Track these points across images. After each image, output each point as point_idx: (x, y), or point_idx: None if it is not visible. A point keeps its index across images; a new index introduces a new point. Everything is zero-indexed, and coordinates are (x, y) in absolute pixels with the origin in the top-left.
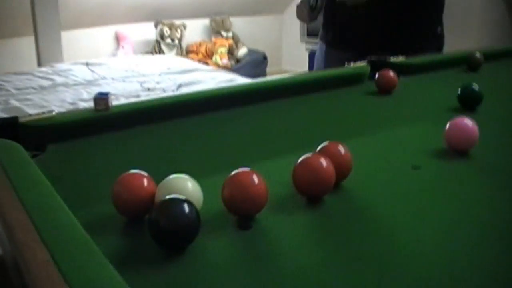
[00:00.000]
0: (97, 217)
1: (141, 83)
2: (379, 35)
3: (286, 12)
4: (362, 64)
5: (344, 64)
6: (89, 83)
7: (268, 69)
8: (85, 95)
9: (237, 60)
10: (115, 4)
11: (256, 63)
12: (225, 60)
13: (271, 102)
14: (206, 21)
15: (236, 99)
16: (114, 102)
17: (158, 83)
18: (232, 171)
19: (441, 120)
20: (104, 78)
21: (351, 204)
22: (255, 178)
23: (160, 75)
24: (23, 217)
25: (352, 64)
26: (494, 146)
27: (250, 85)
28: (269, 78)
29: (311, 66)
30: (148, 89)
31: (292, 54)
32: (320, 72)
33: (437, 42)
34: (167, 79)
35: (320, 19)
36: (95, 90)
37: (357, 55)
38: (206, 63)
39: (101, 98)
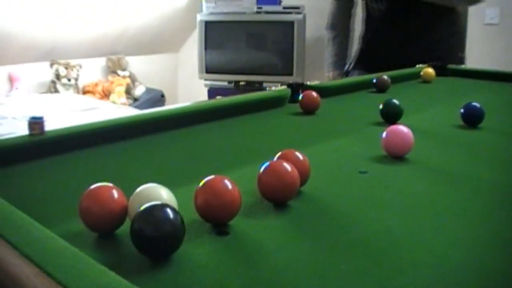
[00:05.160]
0: (63, 235)
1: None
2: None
3: (181, 50)
4: (282, 87)
5: None
6: None
7: None
8: None
9: (135, 99)
10: (7, 43)
11: (153, 101)
12: (123, 99)
13: (201, 125)
14: (102, 61)
15: (174, 121)
16: None
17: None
18: (192, 183)
19: (370, 132)
20: (4, 118)
21: (316, 206)
22: (228, 183)
23: (64, 113)
24: None
25: (273, 88)
26: (423, 150)
27: (184, 108)
28: (199, 102)
29: None
30: None
31: (189, 91)
32: (246, 96)
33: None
34: (72, 117)
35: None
36: None
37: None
38: None
39: (35, 122)
